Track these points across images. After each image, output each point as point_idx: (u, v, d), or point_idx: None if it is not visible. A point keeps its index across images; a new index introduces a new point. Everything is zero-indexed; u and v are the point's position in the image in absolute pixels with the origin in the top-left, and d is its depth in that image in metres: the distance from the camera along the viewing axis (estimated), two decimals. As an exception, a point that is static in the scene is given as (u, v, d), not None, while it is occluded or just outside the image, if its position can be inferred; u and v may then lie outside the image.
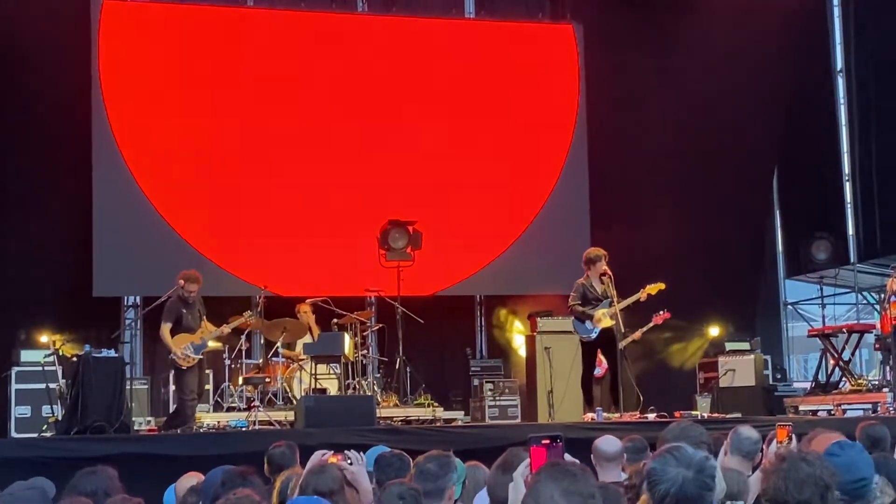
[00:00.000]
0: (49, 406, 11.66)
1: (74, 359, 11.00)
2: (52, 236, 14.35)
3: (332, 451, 5.12)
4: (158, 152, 14.94)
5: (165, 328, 11.85)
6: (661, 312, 12.56)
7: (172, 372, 12.25)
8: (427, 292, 14.70)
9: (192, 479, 5.58)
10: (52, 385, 11.64)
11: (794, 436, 5.43)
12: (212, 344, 12.48)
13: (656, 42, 16.47)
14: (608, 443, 6.33)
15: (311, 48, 15.66)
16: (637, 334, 12.50)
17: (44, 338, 12.33)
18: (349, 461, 5.12)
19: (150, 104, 14.97)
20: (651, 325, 12.68)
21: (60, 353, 11.81)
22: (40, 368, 11.88)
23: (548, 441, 3.33)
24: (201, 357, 11.83)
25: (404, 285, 13.73)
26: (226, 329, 12.17)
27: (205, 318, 12.02)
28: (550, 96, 16.47)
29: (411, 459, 5.78)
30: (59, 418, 11.10)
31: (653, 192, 16.30)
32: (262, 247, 14.84)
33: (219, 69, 15.35)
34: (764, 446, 6.17)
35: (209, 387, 12.76)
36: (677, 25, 16.39)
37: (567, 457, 3.32)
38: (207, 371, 12.50)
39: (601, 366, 12.61)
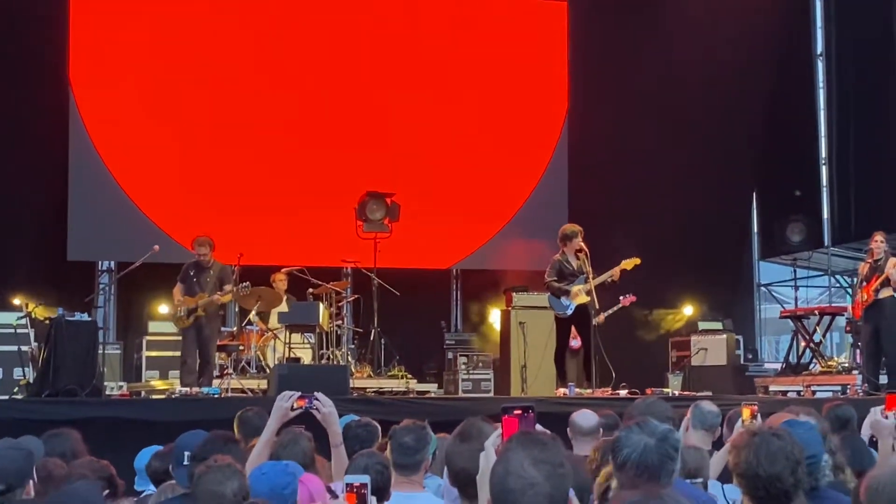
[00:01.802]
0: (21, 368, 11.65)
1: (47, 322, 10.97)
2: (26, 198, 14.28)
3: (300, 394, 5.12)
4: (131, 122, 14.89)
5: (175, 288, 11.92)
6: (628, 295, 12.56)
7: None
8: (406, 264, 14.67)
9: None
10: (24, 347, 11.64)
11: (759, 415, 5.49)
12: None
13: (639, 22, 16.47)
14: (585, 417, 6.37)
15: (291, 17, 15.59)
16: (601, 317, 12.50)
17: (16, 300, 12.26)
18: (318, 402, 5.13)
19: (119, 76, 14.91)
20: (618, 307, 12.67)
21: (33, 316, 11.75)
22: (12, 331, 11.82)
23: (520, 412, 3.33)
24: (200, 322, 11.83)
25: (381, 257, 13.72)
26: (218, 299, 12.11)
27: (227, 286, 11.97)
28: (538, 73, 16.47)
29: (380, 427, 5.80)
30: (31, 381, 11.07)
31: (632, 171, 16.32)
32: (238, 217, 14.79)
33: (192, 39, 15.28)
34: (724, 427, 6.24)
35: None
36: (661, 7, 16.40)
37: (538, 427, 3.32)
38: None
39: (577, 339, 12.64)
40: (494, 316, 15.16)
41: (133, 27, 15.03)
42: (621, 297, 12.41)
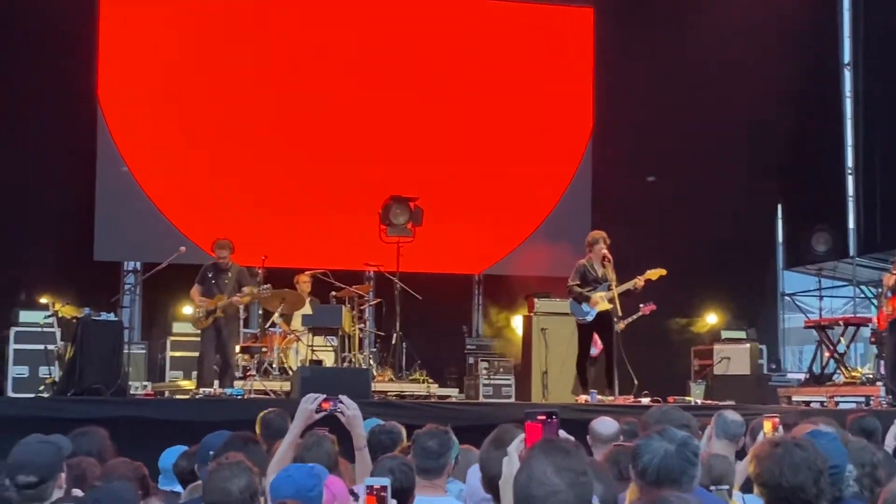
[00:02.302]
0: (47, 367, 11.70)
1: (74, 321, 11.04)
2: (55, 199, 14.35)
3: (325, 397, 5.14)
4: (155, 130, 14.95)
5: (193, 290, 12.00)
6: (648, 304, 12.54)
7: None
8: (428, 269, 14.66)
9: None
10: (50, 346, 11.69)
11: (781, 428, 5.49)
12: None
13: (665, 28, 16.42)
14: (604, 425, 6.38)
15: (317, 24, 15.62)
16: (621, 325, 12.48)
17: (43, 299, 12.33)
18: (342, 405, 5.15)
19: (144, 86, 14.96)
20: (637, 315, 12.63)
21: (59, 315, 11.83)
22: (39, 329, 11.91)
23: (543, 417, 3.34)
24: (219, 322, 11.89)
25: (403, 261, 13.74)
26: (238, 301, 12.17)
27: (246, 288, 12.05)
28: (565, 79, 16.43)
29: (404, 430, 5.82)
30: (57, 379, 11.14)
31: (657, 180, 16.28)
32: (263, 219, 14.84)
33: (217, 48, 15.30)
34: (747, 437, 6.22)
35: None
36: (686, 14, 16.35)
37: (561, 433, 3.33)
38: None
39: (597, 345, 12.62)
40: (516, 321, 15.16)
41: (157, 37, 15.07)
42: (641, 306, 12.38)
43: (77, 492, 4.59)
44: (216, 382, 11.71)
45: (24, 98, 14.14)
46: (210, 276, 12.07)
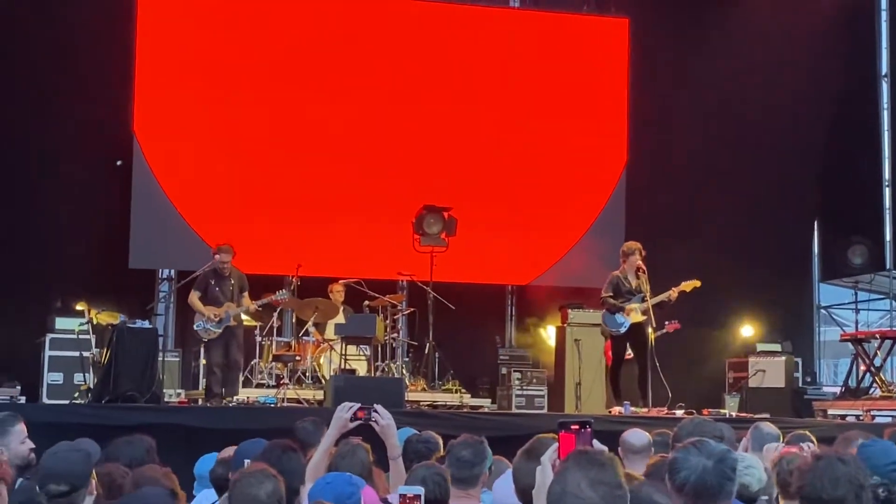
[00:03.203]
0: (81, 374, 11.77)
1: (109, 328, 11.10)
2: (90, 207, 14.45)
3: (359, 406, 5.15)
4: (187, 145, 14.98)
5: (193, 296, 12.04)
6: (673, 322, 12.47)
7: (203, 344, 12.35)
8: (461, 279, 14.65)
9: (232, 450, 5.63)
10: (85, 353, 11.73)
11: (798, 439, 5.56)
12: (246, 320, 12.58)
13: (700, 40, 16.37)
14: (636, 436, 6.36)
15: (353, 33, 15.62)
16: (653, 336, 12.42)
17: (79, 306, 12.40)
18: (377, 415, 5.17)
19: (176, 103, 14.98)
20: (662, 331, 12.56)
21: (95, 322, 11.88)
22: (74, 336, 11.97)
23: (577, 427, 3.32)
24: (228, 331, 11.91)
25: (437, 271, 13.75)
26: (251, 306, 12.21)
27: (246, 294, 12.10)
28: (600, 91, 16.37)
29: (441, 440, 5.82)
30: (91, 386, 11.20)
31: (693, 191, 16.23)
32: (297, 228, 14.89)
33: (247, 61, 15.28)
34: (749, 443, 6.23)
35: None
36: (722, 24, 16.32)
37: (595, 443, 3.32)
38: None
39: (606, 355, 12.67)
40: (549, 332, 15.14)
41: (190, 54, 15.07)
42: (667, 323, 12.35)
43: None
44: (223, 390, 11.75)
45: (62, 118, 14.19)
46: (212, 282, 12.02)
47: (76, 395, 11.49)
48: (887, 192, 17.53)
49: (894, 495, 4.02)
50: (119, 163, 11.89)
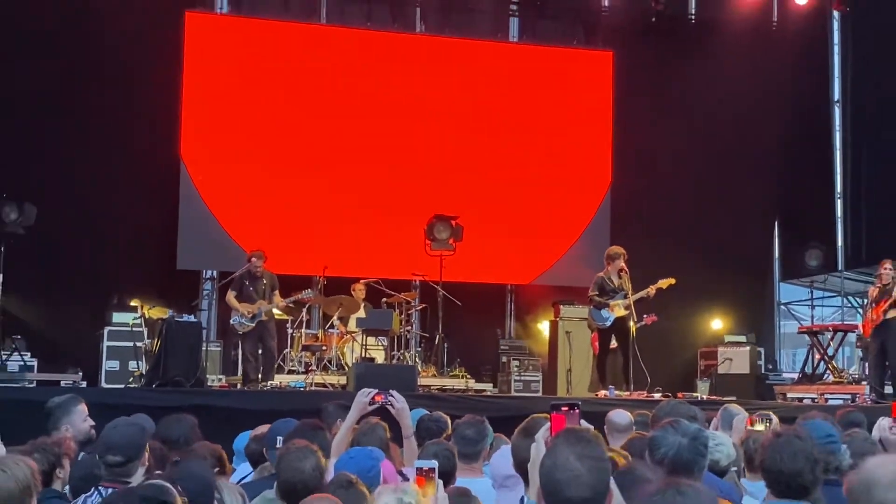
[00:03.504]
0: (135, 361, 11.80)
1: (159, 321, 11.11)
2: (144, 219, 14.45)
3: (377, 391, 5.17)
4: (226, 164, 15.00)
5: (230, 294, 12.05)
6: (651, 315, 12.44)
7: (239, 337, 12.35)
8: (467, 279, 14.63)
9: (264, 428, 5.64)
10: (138, 343, 11.78)
11: (760, 421, 5.57)
12: (278, 314, 12.58)
13: (674, 69, 16.35)
14: (619, 416, 6.36)
15: (373, 62, 15.64)
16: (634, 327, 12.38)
17: (133, 302, 12.43)
18: (392, 399, 5.19)
19: (218, 127, 15.00)
20: (641, 323, 12.54)
21: (147, 316, 11.91)
22: (129, 329, 12.01)
23: (567, 408, 3.33)
24: (261, 325, 11.91)
25: (445, 272, 13.75)
26: (281, 303, 12.19)
27: (276, 292, 12.09)
28: (587, 115, 16.33)
29: (449, 420, 5.83)
30: (143, 373, 11.21)
31: (669, 201, 16.20)
32: (324, 235, 14.90)
33: (286, 79, 15.31)
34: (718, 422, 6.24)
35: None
36: (693, 55, 16.28)
37: (582, 422, 3.32)
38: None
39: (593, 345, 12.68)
40: (543, 326, 15.14)
41: (231, 77, 15.11)
42: (645, 316, 12.31)
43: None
44: (259, 376, 11.76)
45: (121, 143, 14.19)
46: (246, 283, 11.99)
47: (130, 379, 11.51)
48: (839, 203, 17.55)
49: (830, 465, 4.02)
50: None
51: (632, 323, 11.93)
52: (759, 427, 5.61)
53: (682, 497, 2.26)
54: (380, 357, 13.15)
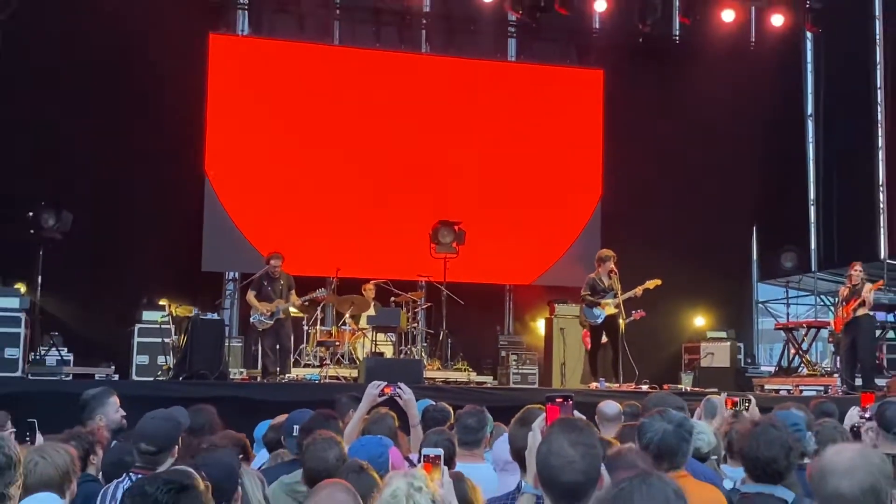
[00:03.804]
0: (163, 356, 11.80)
1: (185, 319, 11.12)
2: (171, 222, 14.47)
3: (386, 383, 5.17)
4: (247, 176, 15.01)
5: (250, 294, 12.07)
6: (639, 311, 12.42)
7: (259, 333, 12.35)
8: (469, 280, 14.62)
9: (283, 418, 5.63)
10: (166, 339, 11.78)
11: (740, 402, 5.55)
12: (294, 312, 12.58)
13: (660, 86, 16.38)
14: (609, 406, 6.34)
15: (382, 80, 15.65)
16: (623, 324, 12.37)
17: (161, 302, 12.44)
18: (400, 390, 5.19)
19: (240, 145, 14.97)
20: (630, 318, 12.52)
21: (174, 315, 11.91)
22: (157, 326, 12.01)
23: (561, 399, 3.33)
24: (279, 322, 11.90)
25: (449, 273, 13.74)
26: (297, 302, 12.19)
27: (293, 292, 12.09)
28: (580, 129, 16.28)
29: (452, 410, 5.82)
30: (171, 366, 11.22)
31: (656, 207, 16.17)
32: (338, 239, 14.90)
33: (301, 96, 15.29)
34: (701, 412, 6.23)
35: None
36: (677, 72, 16.30)
37: (575, 413, 3.32)
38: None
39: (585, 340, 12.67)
40: (539, 323, 15.13)
41: (258, 84, 15.18)
42: (633, 312, 12.30)
43: None
44: (277, 370, 11.76)
45: (149, 152, 14.20)
46: (265, 283, 12.01)
47: (159, 373, 11.53)
48: (812, 209, 17.55)
49: (792, 467, 4.04)
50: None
51: (621, 320, 11.93)
52: (739, 408, 5.61)
53: (646, 486, 2.26)
54: (389, 352, 13.14)
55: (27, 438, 4.75)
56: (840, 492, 2.57)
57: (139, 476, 4.05)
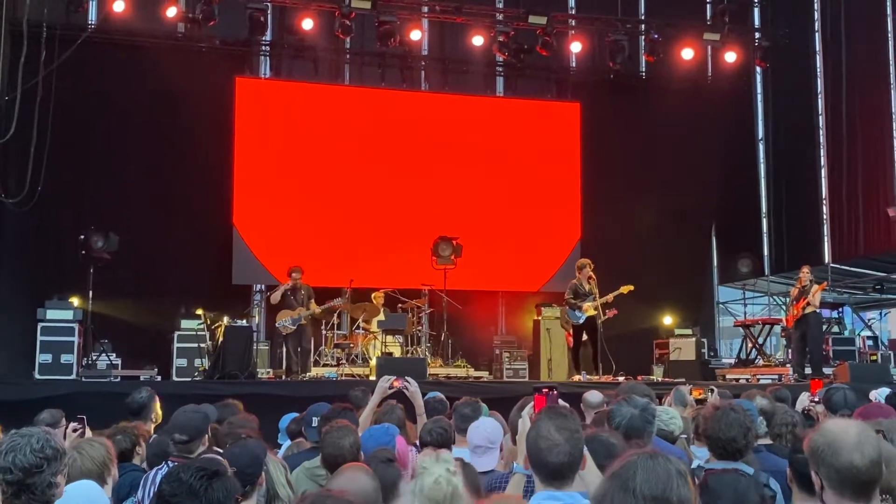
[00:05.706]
0: (199, 359, 11.78)
1: (219, 326, 11.10)
2: (205, 243, 14.49)
3: (395, 377, 5.15)
4: (270, 198, 14.95)
5: (275, 295, 12.01)
6: (613, 309, 12.39)
7: (283, 337, 12.32)
8: (467, 287, 14.58)
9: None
10: (202, 344, 11.77)
11: (709, 392, 5.52)
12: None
13: (631, 116, 16.40)
14: (593, 395, 6.30)
15: (387, 114, 15.65)
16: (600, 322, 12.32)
17: (198, 312, 12.42)
18: (408, 384, 5.17)
19: (265, 181, 14.93)
20: (605, 317, 12.48)
21: (208, 322, 11.90)
22: (194, 332, 12.00)
23: (547, 390, 3.32)
24: (301, 327, 11.87)
25: (449, 282, 13.71)
26: (316, 309, 12.16)
27: (312, 300, 12.07)
28: (560, 155, 16.22)
29: (449, 402, 5.80)
30: (206, 368, 11.20)
31: (628, 219, 16.13)
32: (351, 254, 14.87)
33: (316, 130, 15.26)
34: (671, 398, 6.19)
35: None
36: (644, 104, 16.36)
37: (560, 402, 3.29)
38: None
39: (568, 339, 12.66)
40: (528, 324, 15.09)
41: (277, 121, 15.14)
42: (607, 311, 12.29)
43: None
44: (299, 369, 11.71)
45: (184, 180, 14.29)
46: (289, 293, 12.04)
47: (196, 374, 11.50)
48: (765, 221, 17.57)
49: (750, 446, 4.01)
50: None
51: (599, 321, 11.92)
52: (704, 396, 5.60)
53: (651, 462, 2.14)
54: (397, 352, 13.11)
55: (76, 431, 4.73)
56: (854, 464, 2.55)
57: (175, 464, 4.02)
